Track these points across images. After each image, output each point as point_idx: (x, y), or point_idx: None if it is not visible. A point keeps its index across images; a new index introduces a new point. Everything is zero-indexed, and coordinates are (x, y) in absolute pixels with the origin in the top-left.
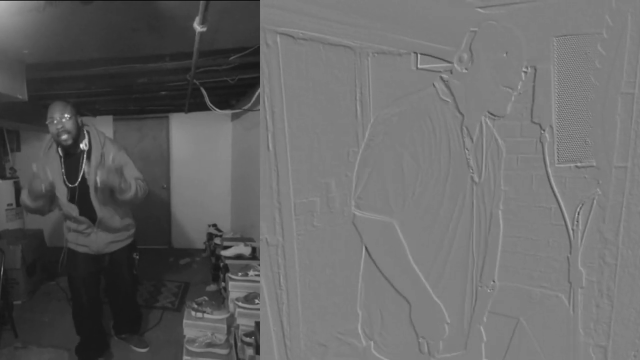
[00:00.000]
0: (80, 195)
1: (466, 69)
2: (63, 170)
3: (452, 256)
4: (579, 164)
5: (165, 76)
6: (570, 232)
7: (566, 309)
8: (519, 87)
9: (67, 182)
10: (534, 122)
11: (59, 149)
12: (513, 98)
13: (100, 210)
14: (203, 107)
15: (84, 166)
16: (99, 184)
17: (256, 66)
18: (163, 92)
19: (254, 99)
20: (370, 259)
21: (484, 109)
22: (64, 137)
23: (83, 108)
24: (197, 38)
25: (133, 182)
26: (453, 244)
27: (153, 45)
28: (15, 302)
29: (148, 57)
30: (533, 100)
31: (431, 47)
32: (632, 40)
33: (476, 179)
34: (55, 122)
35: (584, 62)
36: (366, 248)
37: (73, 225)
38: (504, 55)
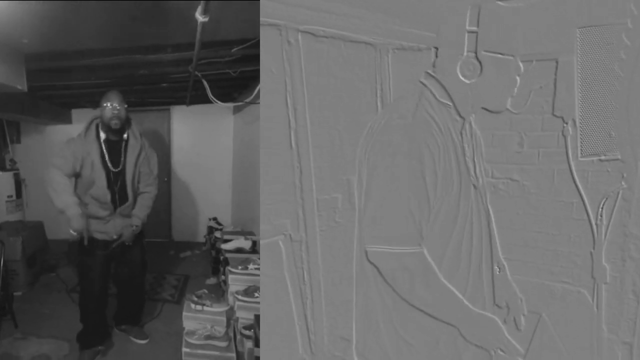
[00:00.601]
0: (118, 181)
1: (473, 79)
2: (107, 155)
3: (472, 268)
4: (602, 158)
5: (166, 68)
6: (594, 226)
7: (589, 305)
8: (518, 81)
9: (110, 166)
10: (556, 116)
11: (101, 135)
12: (515, 91)
13: (132, 196)
14: (205, 100)
15: (125, 155)
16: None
17: (258, 58)
18: (164, 84)
19: (255, 91)
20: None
21: (479, 106)
22: (116, 121)
23: (83, 99)
24: (199, 28)
25: (142, 215)
26: (471, 252)
27: (154, 35)
28: (15, 294)
29: (149, 48)
30: (555, 94)
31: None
32: None
33: (477, 184)
34: (111, 107)
35: (609, 53)
36: (386, 281)
37: (95, 212)
38: (511, 58)
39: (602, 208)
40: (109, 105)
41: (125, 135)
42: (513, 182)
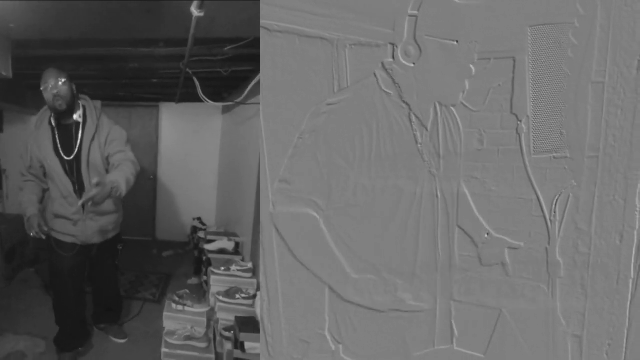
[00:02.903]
0: (75, 169)
1: (414, 63)
2: (58, 142)
3: (421, 245)
4: (555, 155)
5: (157, 63)
6: (549, 223)
7: (548, 300)
8: (472, 73)
9: (63, 155)
10: (514, 114)
11: (52, 121)
12: (467, 86)
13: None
14: (194, 98)
15: (79, 138)
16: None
17: (251, 59)
18: (154, 80)
19: (247, 92)
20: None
21: (432, 99)
22: (60, 102)
23: None
24: (193, 23)
25: (122, 180)
26: (419, 237)
27: (147, 28)
28: None
29: (141, 41)
30: (513, 92)
31: None
32: (602, 28)
33: (434, 172)
34: (50, 87)
35: (558, 52)
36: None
37: (60, 210)
38: (454, 43)
39: (555, 205)
40: (47, 86)
41: (76, 116)
42: (474, 180)
